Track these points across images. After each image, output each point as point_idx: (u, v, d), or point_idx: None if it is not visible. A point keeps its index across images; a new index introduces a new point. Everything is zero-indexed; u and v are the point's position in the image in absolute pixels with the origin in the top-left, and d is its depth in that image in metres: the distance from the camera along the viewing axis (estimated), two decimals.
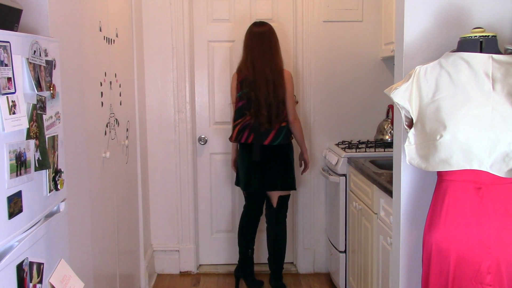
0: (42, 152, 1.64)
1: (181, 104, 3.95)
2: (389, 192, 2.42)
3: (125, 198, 3.23)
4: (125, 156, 3.22)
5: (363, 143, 3.79)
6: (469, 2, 2.05)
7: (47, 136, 1.69)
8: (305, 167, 3.73)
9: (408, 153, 1.87)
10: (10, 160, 1.45)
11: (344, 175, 3.45)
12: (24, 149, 1.53)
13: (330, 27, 3.93)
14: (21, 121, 1.50)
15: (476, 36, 1.83)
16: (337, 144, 3.82)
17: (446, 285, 1.84)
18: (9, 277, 1.44)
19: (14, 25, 1.65)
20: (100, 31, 2.68)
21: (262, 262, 3.91)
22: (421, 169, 1.87)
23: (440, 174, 1.87)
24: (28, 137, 1.56)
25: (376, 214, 2.76)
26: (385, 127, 3.74)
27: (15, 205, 1.48)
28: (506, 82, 1.75)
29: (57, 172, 1.79)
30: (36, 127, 1.61)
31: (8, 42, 1.45)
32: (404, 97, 1.86)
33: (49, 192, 1.73)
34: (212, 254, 4.19)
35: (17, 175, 1.48)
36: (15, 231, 1.49)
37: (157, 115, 3.96)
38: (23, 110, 1.52)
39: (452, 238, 1.81)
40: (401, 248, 2.15)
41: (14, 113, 1.46)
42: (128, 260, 3.29)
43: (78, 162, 2.25)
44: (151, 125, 3.95)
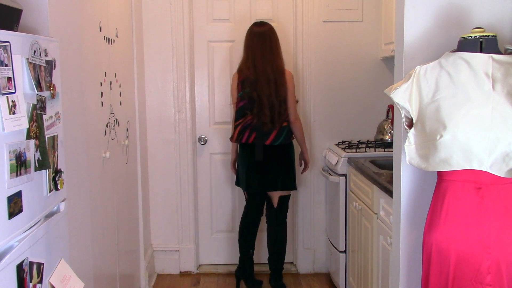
0: (42, 152, 1.64)
1: (181, 104, 3.95)
2: (389, 192, 2.42)
3: (125, 198, 3.23)
4: (125, 156, 3.22)
5: (363, 143, 3.79)
6: (469, 2, 2.05)
7: (47, 136, 1.69)
8: (305, 167, 3.73)
9: (408, 153, 1.86)
10: (10, 160, 1.45)
11: (344, 175, 3.45)
12: (24, 149, 1.53)
13: (330, 27, 3.93)
14: (21, 121, 1.50)
15: (476, 36, 1.83)
16: (337, 144, 3.82)
17: (446, 285, 1.84)
18: (9, 277, 1.44)
19: (14, 25, 1.65)
20: (100, 31, 2.68)
21: (262, 262, 3.91)
22: (421, 169, 1.87)
23: (440, 174, 1.87)
24: (28, 137, 1.56)
25: (376, 214, 2.76)
26: (385, 127, 3.74)
27: (15, 205, 1.48)
28: (506, 82, 1.75)
29: (57, 172, 1.79)
30: (36, 127, 1.61)
31: (8, 42, 1.45)
32: (404, 97, 1.86)
33: (49, 192, 1.73)
34: (212, 254, 4.19)
35: (17, 175, 1.48)
36: (15, 231, 1.49)
37: (157, 115, 3.96)
38: (23, 110, 1.52)
39: (452, 238, 1.81)
40: (401, 248, 2.15)
41: (14, 113, 1.46)
42: (128, 260, 3.29)
43: (78, 162, 2.25)
44: (151, 125, 3.95)
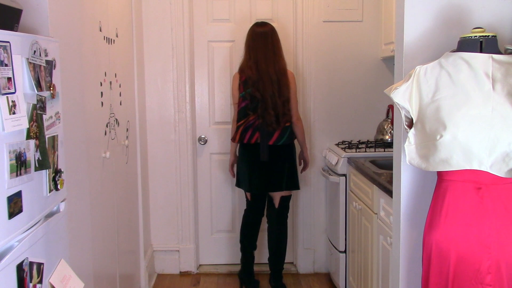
0: (42, 152, 1.64)
1: (181, 104, 3.95)
2: (389, 192, 2.42)
3: (125, 198, 3.23)
4: (125, 156, 3.22)
5: (363, 143, 3.79)
6: (469, 2, 2.04)
7: (47, 136, 1.69)
8: (305, 166, 3.73)
9: (408, 153, 1.86)
10: (10, 160, 1.44)
11: (344, 175, 3.45)
12: (24, 149, 1.52)
13: (330, 27, 3.93)
14: (21, 121, 1.50)
15: (476, 36, 1.83)
16: (337, 144, 3.82)
17: (446, 285, 1.84)
18: (9, 277, 1.44)
19: (14, 25, 1.65)
20: (100, 31, 2.68)
21: (262, 262, 3.91)
22: (421, 169, 1.87)
23: (440, 174, 1.87)
24: (28, 137, 1.56)
25: (376, 214, 2.76)
26: (385, 127, 3.74)
27: (15, 205, 1.48)
28: (506, 82, 1.75)
29: (57, 172, 1.79)
30: (36, 127, 1.61)
31: (8, 42, 1.45)
32: (404, 97, 1.86)
33: (49, 192, 1.73)
34: (212, 254, 4.19)
35: (17, 175, 1.48)
36: (15, 231, 1.49)
37: (157, 115, 3.96)
38: (23, 110, 1.52)
39: (452, 238, 1.81)
40: (401, 248, 2.15)
41: (14, 113, 1.46)
42: (128, 260, 3.29)
43: (78, 162, 2.25)
44: (151, 125, 3.95)
